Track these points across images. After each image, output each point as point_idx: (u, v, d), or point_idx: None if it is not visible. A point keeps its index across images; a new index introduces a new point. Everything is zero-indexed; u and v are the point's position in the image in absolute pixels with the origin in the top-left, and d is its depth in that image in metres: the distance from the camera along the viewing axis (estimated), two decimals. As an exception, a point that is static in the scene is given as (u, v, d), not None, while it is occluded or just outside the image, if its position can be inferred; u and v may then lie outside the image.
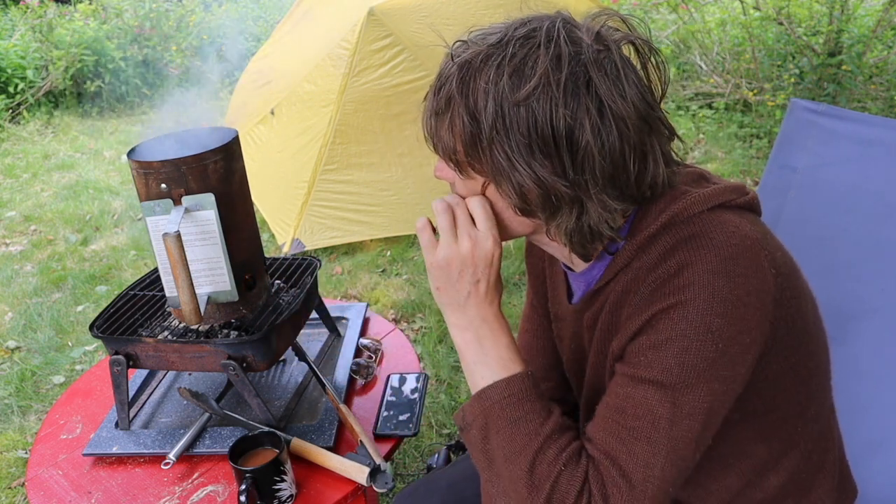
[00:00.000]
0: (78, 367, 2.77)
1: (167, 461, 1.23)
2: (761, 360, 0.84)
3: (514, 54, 0.78)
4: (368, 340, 1.60)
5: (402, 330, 2.15)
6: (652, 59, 0.82)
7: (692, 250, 0.80)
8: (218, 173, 1.21)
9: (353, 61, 3.35)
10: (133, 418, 1.38)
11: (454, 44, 0.85)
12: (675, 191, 0.86)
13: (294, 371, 1.51)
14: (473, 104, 0.80)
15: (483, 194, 0.86)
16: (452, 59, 0.83)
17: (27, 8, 6.78)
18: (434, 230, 0.92)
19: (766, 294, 0.80)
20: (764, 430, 0.92)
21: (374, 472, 1.19)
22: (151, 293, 1.44)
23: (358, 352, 1.57)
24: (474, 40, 0.83)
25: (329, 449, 1.25)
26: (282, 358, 1.50)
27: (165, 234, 1.12)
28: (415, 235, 3.43)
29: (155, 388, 1.50)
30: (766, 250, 0.82)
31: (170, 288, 1.26)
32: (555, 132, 0.77)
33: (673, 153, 0.87)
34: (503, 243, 0.91)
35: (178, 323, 1.35)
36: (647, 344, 0.81)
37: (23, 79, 6.24)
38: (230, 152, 1.23)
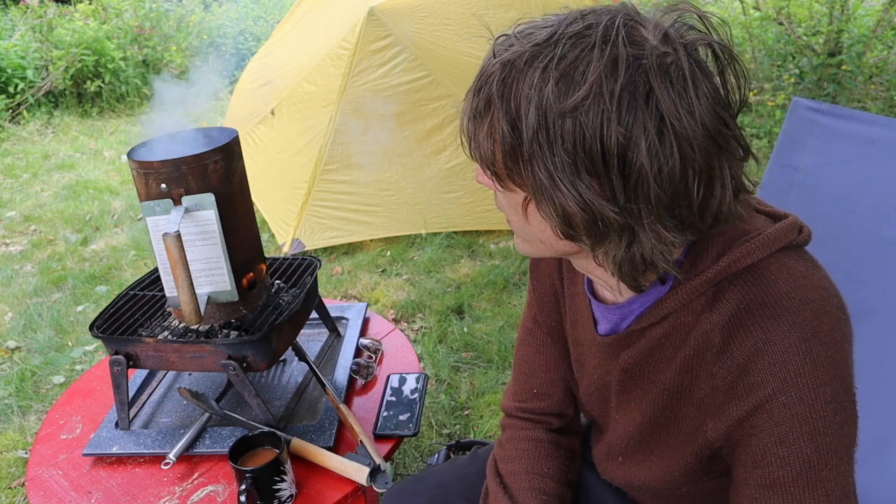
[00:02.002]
0: (78, 367, 2.77)
1: (167, 461, 1.23)
2: None
3: (563, 56, 0.67)
4: (368, 340, 1.60)
5: (402, 330, 2.14)
6: (731, 67, 0.70)
7: (774, 318, 0.74)
8: (218, 173, 1.21)
9: (353, 61, 3.35)
10: (133, 418, 1.38)
11: (498, 38, 0.74)
12: (733, 229, 0.78)
13: (294, 371, 1.51)
14: (514, 111, 0.69)
15: (524, 210, 0.76)
16: (495, 55, 0.72)
17: (27, 8, 6.78)
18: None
19: (848, 335, 0.77)
20: None
21: (374, 472, 1.19)
22: (151, 293, 1.44)
23: (358, 352, 1.57)
24: (519, 35, 0.72)
25: (329, 449, 1.25)
26: (282, 358, 1.50)
27: (165, 234, 1.12)
28: (415, 235, 3.46)
29: (155, 388, 1.50)
30: (834, 297, 0.77)
31: (170, 288, 1.26)
32: (605, 150, 0.66)
33: (745, 179, 0.75)
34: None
35: (178, 323, 1.34)
36: (771, 442, 0.75)
37: (23, 79, 6.23)
38: (230, 152, 1.23)
